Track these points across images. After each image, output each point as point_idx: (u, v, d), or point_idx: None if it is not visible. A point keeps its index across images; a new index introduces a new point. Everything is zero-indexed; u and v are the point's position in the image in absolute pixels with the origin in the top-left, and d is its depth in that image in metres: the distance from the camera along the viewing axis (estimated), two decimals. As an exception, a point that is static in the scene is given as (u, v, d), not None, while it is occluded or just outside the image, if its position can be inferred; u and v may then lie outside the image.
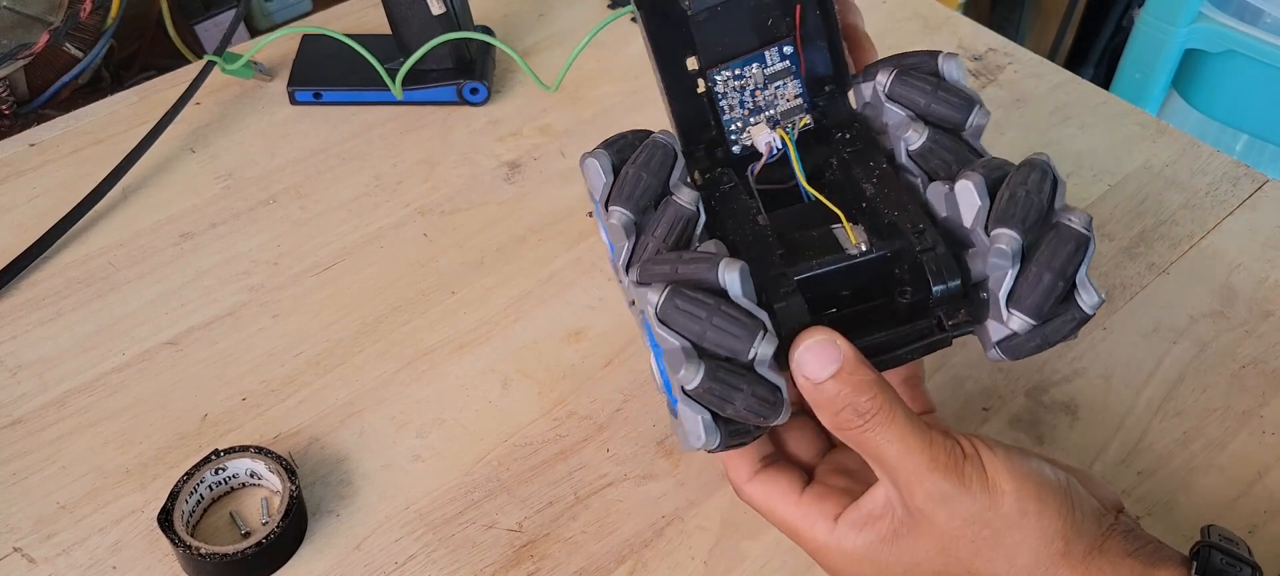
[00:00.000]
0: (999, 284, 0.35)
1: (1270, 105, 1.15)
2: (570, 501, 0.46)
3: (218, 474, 0.45)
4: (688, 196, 0.38)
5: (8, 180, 0.62)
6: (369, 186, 0.61)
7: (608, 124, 0.65)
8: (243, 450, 0.45)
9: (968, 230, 0.37)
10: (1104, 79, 1.42)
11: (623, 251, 0.38)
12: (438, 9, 0.62)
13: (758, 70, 0.41)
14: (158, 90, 0.68)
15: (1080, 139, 0.64)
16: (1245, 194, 0.60)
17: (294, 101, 0.67)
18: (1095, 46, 1.48)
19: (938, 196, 0.38)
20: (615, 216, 0.38)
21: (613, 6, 0.75)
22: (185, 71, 0.69)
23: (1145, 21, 1.18)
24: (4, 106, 0.72)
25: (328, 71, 0.67)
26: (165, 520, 0.42)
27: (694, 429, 0.34)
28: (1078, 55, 1.51)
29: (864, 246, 0.38)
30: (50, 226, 0.57)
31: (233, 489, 0.46)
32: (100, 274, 0.56)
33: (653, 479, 0.46)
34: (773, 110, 0.42)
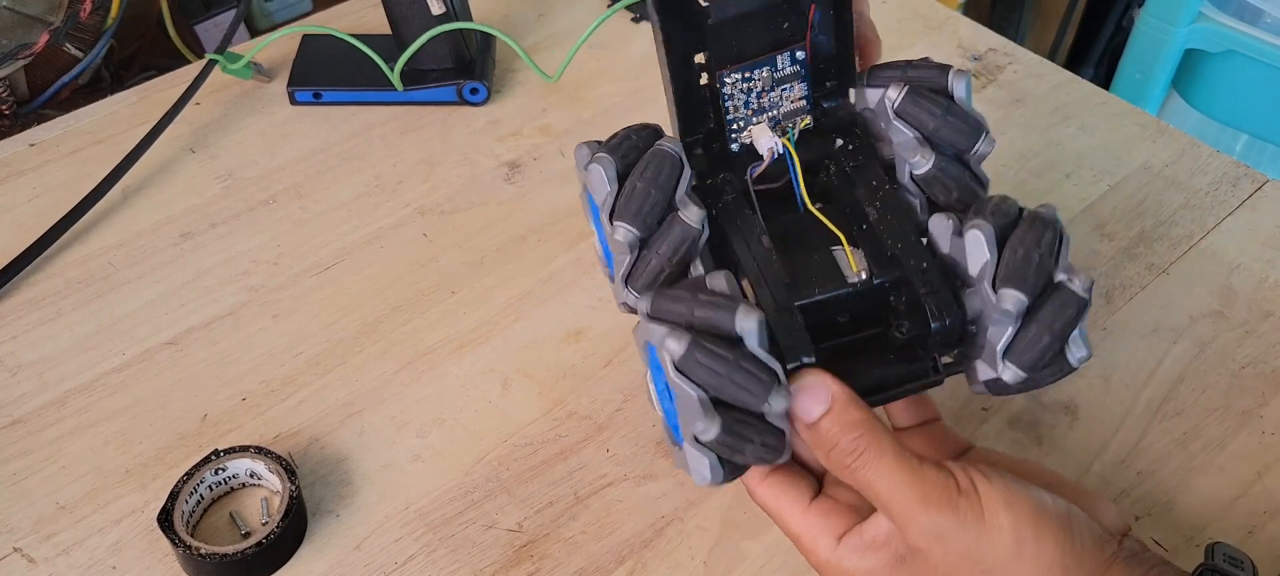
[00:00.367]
0: (997, 337, 0.36)
1: (1270, 105, 1.15)
2: (570, 501, 0.46)
3: (218, 474, 0.45)
4: (695, 215, 0.37)
5: (8, 180, 0.62)
6: (369, 186, 0.61)
7: (608, 124, 0.65)
8: (243, 450, 0.45)
9: (971, 276, 0.37)
10: (1104, 79, 1.42)
11: (622, 265, 0.38)
12: (437, 9, 0.62)
13: (767, 73, 0.41)
14: (158, 90, 0.68)
15: (1080, 139, 0.64)
16: (1245, 194, 0.60)
17: (294, 101, 0.67)
18: (1095, 46, 1.48)
19: (941, 232, 0.39)
20: (620, 233, 0.38)
21: (612, 1, 0.75)
22: (185, 71, 0.69)
23: (1145, 21, 1.18)
24: (4, 106, 0.72)
25: (328, 71, 0.67)
26: (165, 520, 0.42)
27: (701, 470, 0.35)
28: (1078, 55, 1.51)
29: (864, 274, 0.38)
30: (50, 226, 0.57)
31: (233, 489, 0.46)
32: (100, 274, 0.56)
33: (653, 479, 0.46)
34: (775, 111, 0.42)
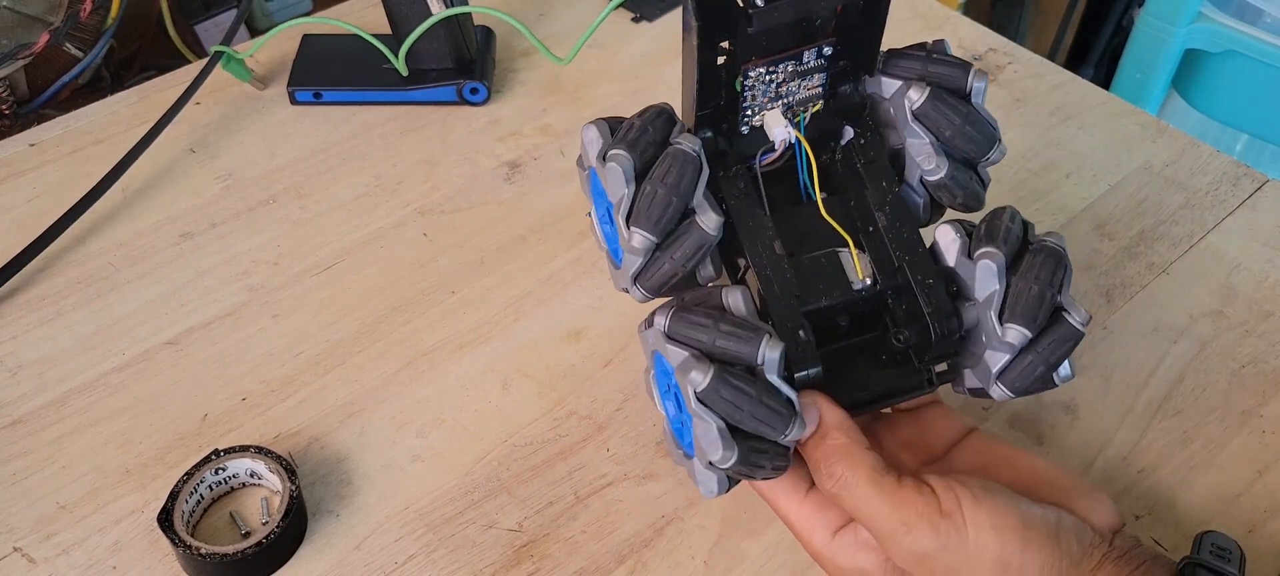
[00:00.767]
0: (995, 361, 0.38)
1: (1270, 105, 1.15)
2: (570, 501, 0.46)
3: (218, 474, 0.45)
4: (712, 222, 0.37)
5: (8, 180, 0.62)
6: (369, 186, 0.61)
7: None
8: (243, 450, 0.45)
9: (975, 297, 0.38)
10: (1104, 79, 1.42)
11: (633, 265, 0.39)
12: (438, 9, 0.62)
13: (791, 67, 0.41)
14: (158, 90, 0.68)
15: (1080, 139, 0.64)
16: (1245, 194, 0.60)
17: (294, 101, 0.67)
18: (1095, 46, 1.48)
19: (949, 246, 0.40)
20: (638, 239, 0.38)
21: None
22: (185, 71, 0.69)
23: (1145, 21, 1.18)
24: (4, 106, 0.72)
25: (328, 71, 0.67)
26: (165, 520, 0.42)
27: (708, 486, 0.36)
28: (1078, 55, 1.51)
29: (869, 280, 0.39)
30: (50, 226, 0.57)
31: (233, 489, 0.46)
32: (100, 274, 0.56)
33: (653, 478, 0.46)
34: (790, 98, 0.42)
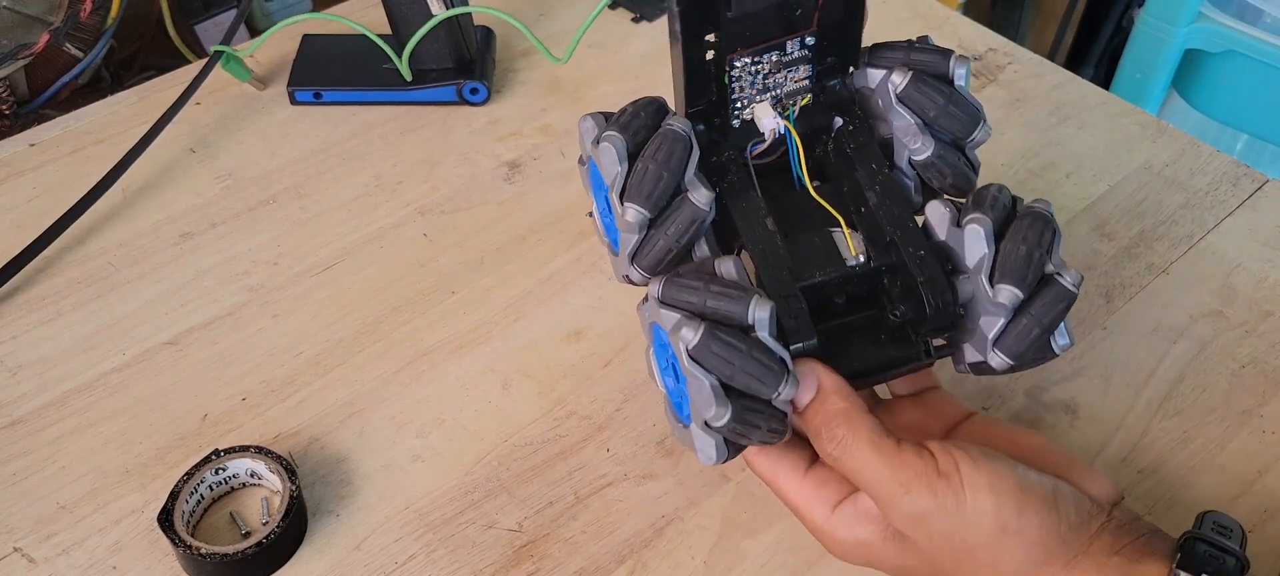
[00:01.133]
0: (990, 327, 0.38)
1: (1270, 105, 1.15)
2: (570, 501, 0.46)
3: (218, 474, 0.45)
4: (703, 198, 0.38)
5: (8, 180, 0.62)
6: (369, 186, 0.61)
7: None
8: (243, 450, 0.45)
9: (966, 266, 0.38)
10: (1104, 79, 1.42)
11: (629, 243, 0.39)
12: (438, 9, 0.62)
13: (775, 57, 0.41)
14: (158, 90, 0.68)
15: (1080, 139, 0.64)
16: (1245, 194, 0.60)
17: (294, 101, 0.67)
18: (1095, 46, 1.48)
19: (939, 220, 0.40)
20: (631, 215, 0.38)
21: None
22: (185, 71, 0.69)
23: (1145, 21, 1.18)
24: (4, 106, 0.72)
25: (328, 71, 0.67)
26: (165, 520, 0.42)
27: (706, 450, 0.36)
28: (1078, 55, 1.51)
29: (862, 257, 0.39)
30: (50, 226, 0.57)
31: (233, 489, 0.46)
32: (100, 274, 0.56)
33: (653, 478, 0.46)
34: (779, 91, 0.42)
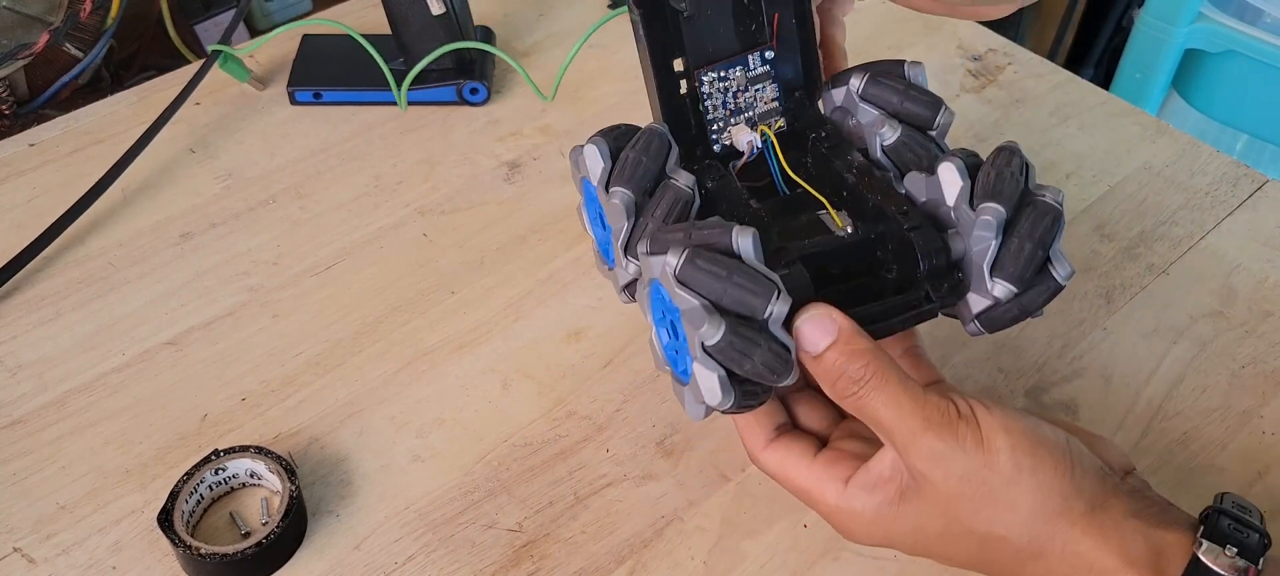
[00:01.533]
0: (982, 255, 0.38)
1: (1270, 105, 1.15)
2: (570, 501, 0.46)
3: (218, 474, 0.45)
4: (685, 179, 0.39)
5: (8, 180, 0.62)
6: (369, 186, 0.61)
7: (607, 123, 0.65)
8: (243, 450, 0.45)
9: (949, 208, 0.39)
10: (1104, 79, 1.42)
11: (621, 233, 0.40)
12: (437, 9, 0.62)
13: (740, 73, 0.43)
14: (158, 90, 0.68)
15: (1080, 139, 0.64)
16: (1245, 194, 0.60)
17: (294, 101, 0.67)
18: (1095, 46, 1.48)
19: (916, 183, 0.41)
20: (617, 197, 0.39)
21: (613, 5, 0.75)
22: (185, 71, 0.69)
23: (1145, 21, 1.18)
24: (4, 106, 0.72)
25: (328, 71, 0.67)
26: (165, 520, 0.42)
27: (709, 386, 0.34)
28: (1078, 55, 1.51)
29: (850, 228, 0.40)
30: (50, 226, 0.57)
31: (233, 489, 0.46)
32: (100, 274, 0.56)
33: (652, 479, 0.46)
34: (752, 111, 0.44)
